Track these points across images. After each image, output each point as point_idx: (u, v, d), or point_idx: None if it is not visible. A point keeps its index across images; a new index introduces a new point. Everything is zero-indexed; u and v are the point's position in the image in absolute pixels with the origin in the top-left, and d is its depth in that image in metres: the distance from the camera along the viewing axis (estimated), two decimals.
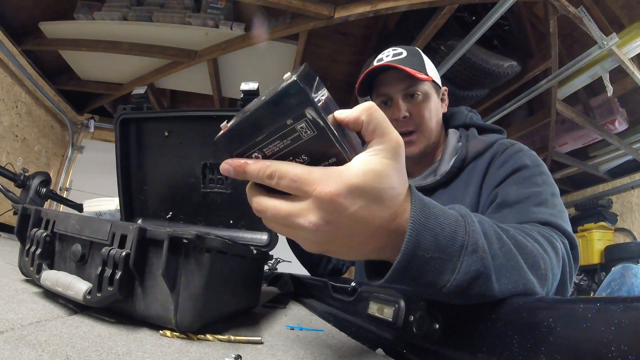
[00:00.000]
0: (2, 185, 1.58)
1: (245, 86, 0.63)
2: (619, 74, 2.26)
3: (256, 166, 0.32)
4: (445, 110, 0.93)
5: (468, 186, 0.81)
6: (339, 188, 0.30)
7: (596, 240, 3.13)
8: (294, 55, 2.56)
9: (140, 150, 0.77)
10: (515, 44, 2.39)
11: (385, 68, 0.85)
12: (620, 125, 2.76)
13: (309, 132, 0.30)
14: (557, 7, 1.92)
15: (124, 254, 0.42)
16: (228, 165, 0.33)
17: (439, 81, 0.91)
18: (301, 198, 0.31)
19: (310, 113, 0.29)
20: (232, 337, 0.44)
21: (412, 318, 0.45)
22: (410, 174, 0.96)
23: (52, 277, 0.47)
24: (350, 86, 3.11)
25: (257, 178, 0.32)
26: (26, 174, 1.68)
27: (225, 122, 0.32)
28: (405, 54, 0.86)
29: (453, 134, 0.89)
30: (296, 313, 0.73)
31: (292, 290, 1.01)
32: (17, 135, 2.64)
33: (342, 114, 0.32)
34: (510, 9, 1.86)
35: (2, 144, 2.50)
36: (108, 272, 0.42)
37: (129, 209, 0.78)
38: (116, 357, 0.32)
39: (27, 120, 2.72)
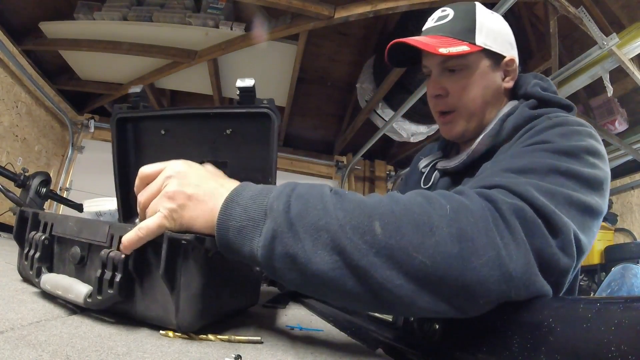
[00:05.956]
0: (2, 185, 1.58)
1: (241, 83, 0.61)
2: (619, 74, 2.26)
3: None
4: (510, 85, 0.72)
5: None
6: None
7: (596, 241, 3.13)
8: (294, 55, 2.56)
9: (137, 148, 0.76)
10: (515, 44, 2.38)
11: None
12: (620, 126, 2.76)
13: None
14: (557, 7, 1.92)
15: (123, 256, 0.42)
16: None
17: (500, 49, 0.70)
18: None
19: None
20: (232, 337, 0.44)
21: (412, 318, 0.45)
22: (448, 155, 0.82)
23: (52, 281, 0.46)
24: (350, 86, 3.10)
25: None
26: (26, 174, 1.68)
27: None
28: (451, 16, 0.70)
29: (507, 107, 0.70)
30: (296, 313, 0.73)
31: (292, 290, 1.01)
32: (17, 135, 2.63)
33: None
34: (510, 9, 1.86)
35: (2, 144, 2.50)
36: (108, 274, 0.42)
37: (126, 208, 0.78)
38: (116, 357, 0.32)
39: (27, 120, 2.72)
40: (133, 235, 0.40)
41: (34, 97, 2.75)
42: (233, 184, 0.44)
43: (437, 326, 0.42)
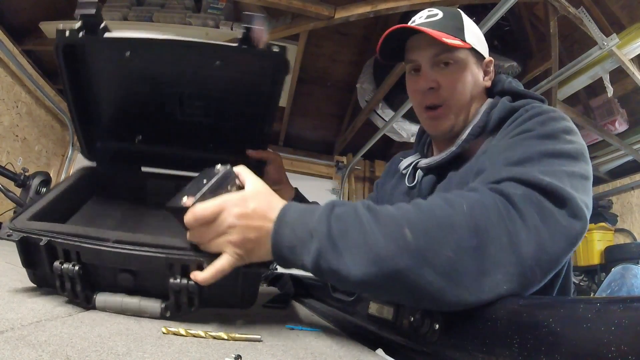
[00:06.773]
0: (2, 185, 1.58)
1: (250, 20, 0.56)
2: (619, 74, 2.26)
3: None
4: (489, 84, 0.78)
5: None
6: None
7: (596, 241, 3.13)
8: (294, 55, 2.55)
9: (94, 74, 0.65)
10: (515, 45, 2.38)
11: (415, 31, 0.72)
12: (620, 126, 2.76)
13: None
14: (558, 7, 1.92)
15: (196, 284, 0.48)
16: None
17: (482, 50, 0.76)
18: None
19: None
20: (232, 337, 0.44)
21: (412, 318, 0.45)
22: (427, 157, 0.84)
23: (113, 304, 0.49)
24: (350, 86, 3.10)
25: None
26: (26, 174, 1.68)
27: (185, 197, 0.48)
28: (440, 15, 0.74)
29: (487, 104, 0.74)
30: (296, 313, 0.73)
31: (292, 290, 1.01)
32: (17, 135, 2.63)
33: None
34: (511, 10, 1.86)
35: (2, 144, 2.50)
36: (184, 298, 0.49)
37: (87, 134, 0.71)
38: (116, 357, 0.32)
39: (27, 120, 2.72)
40: (209, 276, 0.48)
41: (34, 97, 2.75)
42: (280, 204, 0.50)
43: (437, 326, 0.42)
